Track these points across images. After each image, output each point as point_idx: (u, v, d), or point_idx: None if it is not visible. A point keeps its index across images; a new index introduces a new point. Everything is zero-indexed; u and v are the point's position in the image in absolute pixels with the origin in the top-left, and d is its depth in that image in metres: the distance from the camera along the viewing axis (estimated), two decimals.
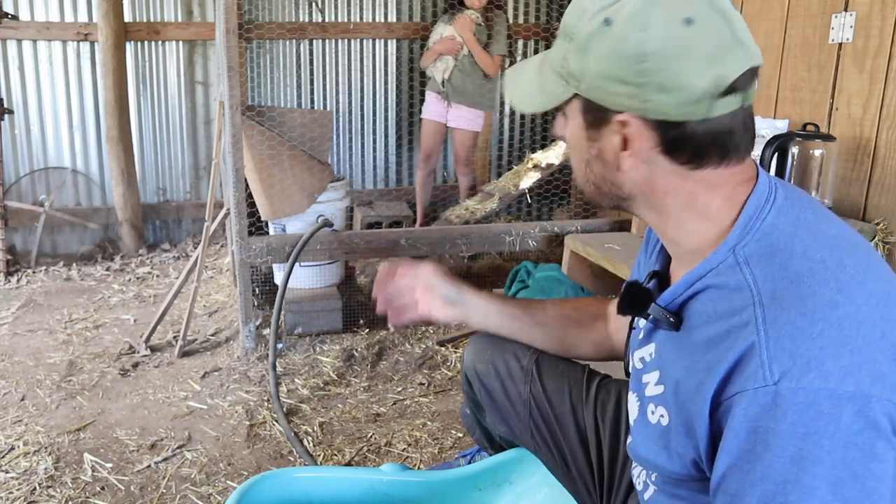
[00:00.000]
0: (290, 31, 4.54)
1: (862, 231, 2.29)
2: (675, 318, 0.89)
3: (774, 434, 0.73)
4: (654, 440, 0.92)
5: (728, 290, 0.82)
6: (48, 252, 4.44)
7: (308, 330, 3.07)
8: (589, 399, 1.31)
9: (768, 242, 0.82)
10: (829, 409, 0.72)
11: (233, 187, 2.75)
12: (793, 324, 0.75)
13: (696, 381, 0.82)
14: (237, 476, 2.05)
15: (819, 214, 0.87)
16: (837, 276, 0.78)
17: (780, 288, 0.78)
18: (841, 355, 0.73)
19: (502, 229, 3.16)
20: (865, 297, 0.77)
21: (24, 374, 2.70)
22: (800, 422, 0.72)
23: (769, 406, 0.73)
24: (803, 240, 0.82)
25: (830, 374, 0.72)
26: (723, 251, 0.85)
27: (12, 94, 4.27)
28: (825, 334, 0.74)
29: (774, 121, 2.61)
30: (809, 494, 0.72)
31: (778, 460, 0.73)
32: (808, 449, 0.72)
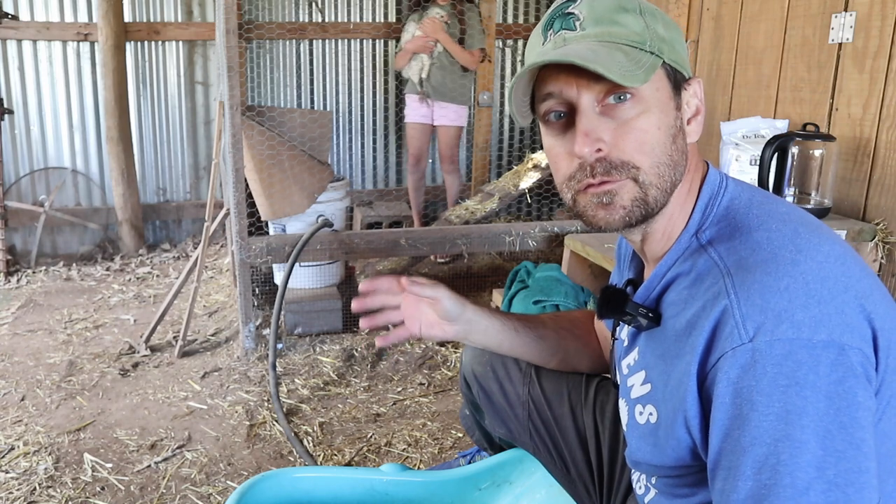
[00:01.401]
0: (290, 31, 4.54)
1: (862, 231, 2.29)
2: (653, 313, 0.90)
3: (758, 392, 0.74)
4: (645, 439, 0.93)
5: (696, 273, 0.84)
6: (48, 252, 4.44)
7: (308, 330, 3.07)
8: (588, 400, 1.31)
9: (726, 223, 0.86)
10: (806, 359, 0.73)
11: (233, 187, 2.75)
12: (760, 282, 0.77)
13: (682, 364, 0.82)
14: (237, 476, 2.05)
15: (768, 196, 0.91)
16: (794, 240, 0.81)
17: (743, 257, 0.80)
18: (809, 306, 0.75)
19: (502, 229, 3.16)
20: (824, 255, 0.79)
21: (24, 374, 2.70)
22: (780, 374, 0.73)
23: (748, 364, 0.74)
24: (758, 216, 0.85)
25: (802, 323, 0.74)
26: (685, 238, 0.88)
27: (12, 94, 4.27)
28: (791, 288, 0.76)
29: (774, 121, 2.61)
30: (800, 449, 0.72)
31: (765, 419, 0.73)
32: (791, 401, 0.72)
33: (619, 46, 0.82)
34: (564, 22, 0.85)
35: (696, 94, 0.90)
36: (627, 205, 0.85)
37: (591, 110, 0.83)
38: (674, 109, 0.86)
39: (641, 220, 0.87)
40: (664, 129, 0.85)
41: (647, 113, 0.83)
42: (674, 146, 0.86)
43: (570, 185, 0.88)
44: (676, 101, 0.87)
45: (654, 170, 0.84)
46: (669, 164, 0.85)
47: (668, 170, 0.85)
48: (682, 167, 0.88)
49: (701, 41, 3.26)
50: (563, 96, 0.85)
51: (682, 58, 0.88)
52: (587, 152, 0.83)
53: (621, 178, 0.84)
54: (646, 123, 0.83)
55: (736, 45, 2.99)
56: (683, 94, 0.88)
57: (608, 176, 0.84)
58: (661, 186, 0.85)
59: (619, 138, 0.83)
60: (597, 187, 0.85)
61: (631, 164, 0.83)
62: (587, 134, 0.83)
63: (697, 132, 0.90)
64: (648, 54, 0.83)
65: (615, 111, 0.83)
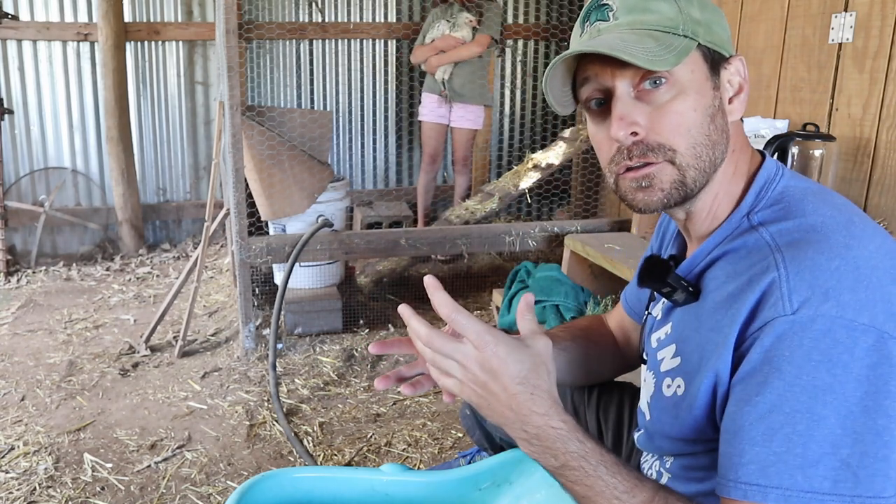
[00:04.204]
0: (290, 31, 4.54)
1: None
2: (693, 287, 0.90)
3: (789, 361, 0.74)
4: (667, 411, 0.93)
5: (746, 251, 0.84)
6: (48, 252, 4.44)
7: (308, 330, 3.07)
8: (591, 401, 1.30)
9: (780, 207, 0.86)
10: (844, 338, 0.73)
11: (233, 187, 2.75)
12: (811, 259, 0.77)
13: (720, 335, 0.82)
14: (237, 476, 2.05)
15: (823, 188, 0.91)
16: (848, 228, 0.81)
17: (796, 238, 0.81)
18: (857, 289, 0.75)
19: (502, 229, 3.16)
20: (876, 246, 0.80)
21: (24, 374, 2.70)
22: (815, 349, 0.73)
23: (785, 334, 0.74)
24: (813, 203, 0.85)
25: (847, 304, 0.74)
26: (736, 218, 0.89)
27: (12, 94, 4.27)
28: (842, 269, 0.76)
29: (774, 121, 2.61)
30: (818, 424, 0.72)
31: (789, 388, 0.73)
32: (820, 377, 0.72)
33: (650, 32, 0.84)
34: (599, 13, 0.88)
35: (738, 72, 0.90)
36: (666, 187, 0.87)
37: (627, 96, 0.86)
38: (711, 90, 0.87)
39: (681, 200, 0.88)
40: (700, 111, 0.86)
41: (682, 95, 0.85)
42: (712, 125, 0.87)
43: (611, 168, 0.90)
44: (714, 82, 0.88)
45: (690, 151, 0.85)
46: (707, 143, 0.86)
47: (705, 150, 0.86)
48: (723, 146, 0.88)
49: None
50: (599, 82, 0.88)
51: (721, 38, 0.88)
52: (622, 136, 0.85)
53: (658, 160, 0.85)
54: (681, 106, 0.85)
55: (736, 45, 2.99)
56: (723, 74, 0.89)
57: (645, 157, 0.86)
58: (699, 167, 0.86)
59: (656, 122, 0.85)
60: (636, 171, 0.87)
61: (667, 146, 0.85)
62: (622, 118, 0.85)
63: (741, 110, 0.91)
64: (681, 38, 0.84)
65: (651, 96, 0.85)
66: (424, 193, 4.24)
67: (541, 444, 0.81)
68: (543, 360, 0.83)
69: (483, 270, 3.96)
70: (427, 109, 4.11)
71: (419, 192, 4.27)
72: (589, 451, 0.80)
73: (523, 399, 0.80)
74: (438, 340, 0.80)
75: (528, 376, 0.80)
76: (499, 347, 0.78)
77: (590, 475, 0.80)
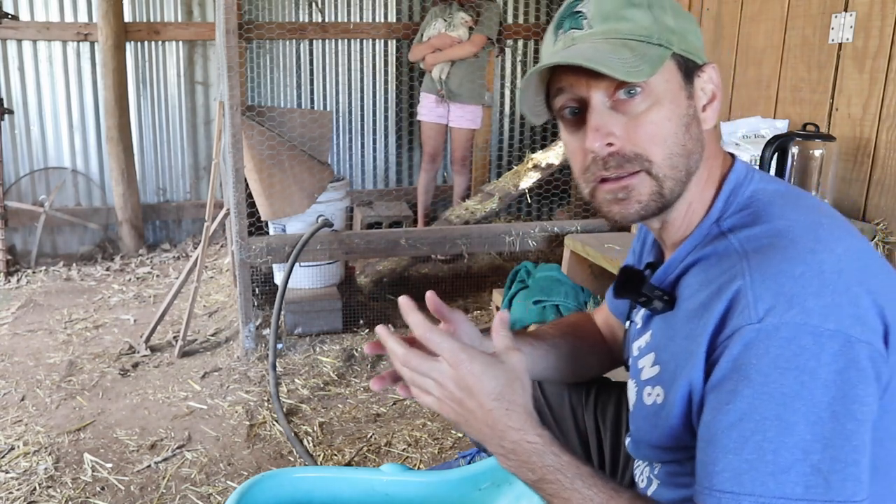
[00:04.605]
0: (290, 31, 4.54)
1: (862, 231, 2.29)
2: (668, 296, 0.90)
3: (756, 370, 0.74)
4: (648, 420, 0.93)
5: (716, 258, 0.84)
6: (48, 252, 4.44)
7: (308, 330, 3.07)
8: (589, 402, 1.30)
9: (749, 212, 0.86)
10: (810, 345, 0.73)
11: (233, 187, 2.75)
12: (776, 267, 0.77)
13: (693, 344, 0.82)
14: (237, 476, 2.05)
15: (794, 190, 0.92)
16: (815, 231, 0.81)
17: (763, 244, 0.81)
18: (823, 294, 0.75)
19: (502, 229, 3.16)
20: (843, 249, 0.80)
21: (24, 374, 2.70)
22: (781, 356, 0.73)
23: (752, 343, 0.75)
24: (781, 207, 0.86)
25: (812, 310, 0.74)
26: (707, 224, 0.89)
27: (12, 94, 4.27)
28: (806, 275, 0.76)
29: (774, 121, 2.61)
30: (788, 431, 0.72)
31: (758, 396, 0.74)
32: (788, 384, 0.73)
33: (626, 42, 0.83)
34: (573, 21, 0.87)
35: (711, 80, 0.90)
36: (644, 199, 0.86)
37: (602, 106, 0.85)
38: (685, 99, 0.87)
39: (657, 211, 0.88)
40: (676, 120, 0.85)
41: (657, 105, 0.84)
42: (687, 135, 0.86)
43: (585, 177, 0.89)
44: (688, 90, 0.87)
45: (666, 161, 0.85)
46: (683, 153, 0.86)
47: (681, 160, 0.86)
48: (698, 155, 0.88)
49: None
50: (574, 92, 0.87)
51: (695, 46, 0.88)
52: (598, 147, 0.84)
53: (634, 170, 0.85)
54: (657, 116, 0.84)
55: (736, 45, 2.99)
56: (697, 82, 0.88)
57: (621, 169, 0.85)
58: (676, 177, 0.86)
59: (631, 132, 0.84)
60: (613, 183, 0.86)
61: (644, 156, 0.85)
62: (598, 129, 0.84)
63: (713, 118, 0.90)
64: (656, 47, 0.84)
65: (626, 106, 0.84)
66: (424, 193, 4.25)
67: (517, 458, 0.82)
68: (518, 375, 0.84)
69: (483, 270, 3.96)
70: (426, 109, 4.12)
71: (419, 192, 4.27)
72: (565, 464, 0.81)
73: (499, 415, 0.81)
74: (415, 360, 0.82)
75: (504, 392, 0.81)
76: (473, 365, 0.80)
77: (566, 488, 0.80)
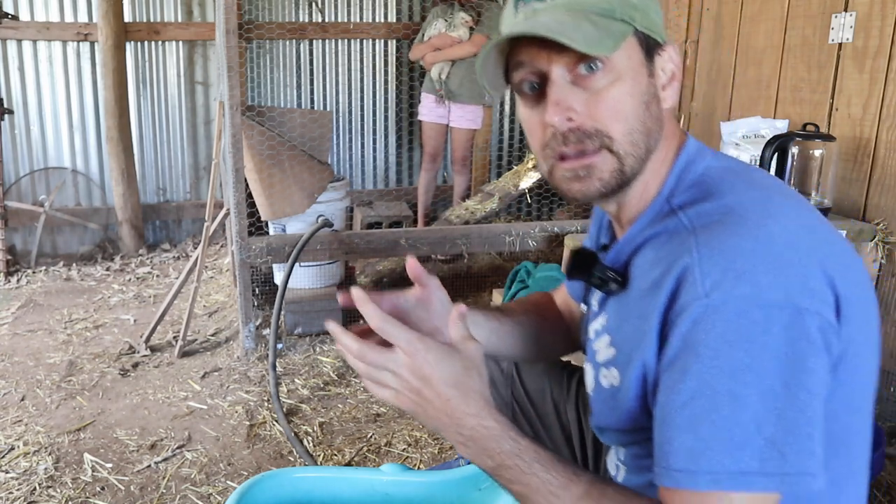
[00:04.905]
0: (290, 31, 4.54)
1: (862, 231, 2.29)
2: (620, 276, 0.90)
3: (705, 345, 0.74)
4: (607, 403, 0.92)
5: (667, 235, 0.84)
6: (48, 252, 4.44)
7: (308, 330, 3.07)
8: (570, 395, 1.30)
9: (699, 189, 0.86)
10: (759, 318, 0.73)
11: (233, 187, 2.75)
12: (724, 242, 0.77)
13: (645, 323, 0.82)
14: (237, 476, 2.05)
15: (746, 166, 0.91)
16: (766, 206, 0.80)
17: (713, 220, 0.80)
18: (770, 269, 0.74)
19: (502, 229, 3.16)
20: (794, 223, 0.79)
21: (24, 374, 2.70)
22: (730, 330, 0.73)
23: (700, 318, 0.74)
24: (732, 182, 0.85)
25: (761, 284, 0.73)
26: (658, 203, 0.88)
27: (12, 94, 4.27)
28: (756, 250, 0.75)
29: (774, 121, 2.61)
30: (741, 405, 0.72)
31: (708, 372, 0.73)
32: (738, 357, 0.72)
33: (588, 16, 0.82)
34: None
35: (671, 60, 0.89)
36: (605, 177, 0.85)
37: (562, 80, 0.83)
38: (646, 76, 0.86)
39: (617, 189, 0.87)
40: (637, 97, 0.84)
41: (618, 81, 0.83)
42: (647, 113, 0.85)
43: (544, 154, 0.88)
44: (649, 68, 0.86)
45: (627, 137, 0.84)
46: (643, 130, 0.85)
47: (641, 137, 0.85)
48: (657, 134, 0.88)
49: (701, 41, 3.26)
50: (534, 66, 0.85)
51: (656, 24, 0.87)
52: (557, 121, 0.83)
53: (595, 146, 0.84)
54: (618, 92, 0.83)
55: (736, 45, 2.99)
56: (657, 61, 0.87)
57: (581, 144, 0.84)
58: (637, 154, 0.85)
59: (592, 108, 0.83)
60: (574, 161, 0.85)
61: (604, 132, 0.83)
62: (558, 103, 0.83)
63: (673, 98, 0.90)
64: (619, 22, 0.83)
65: (587, 81, 0.83)
66: (425, 193, 4.25)
67: (476, 445, 0.82)
68: (475, 363, 0.84)
69: (483, 270, 3.96)
70: (426, 109, 4.12)
71: (419, 192, 4.28)
72: (523, 449, 0.81)
73: (456, 402, 0.81)
74: (371, 353, 0.81)
75: (460, 380, 0.81)
76: (429, 354, 0.80)
77: (525, 473, 0.80)
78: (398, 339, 0.80)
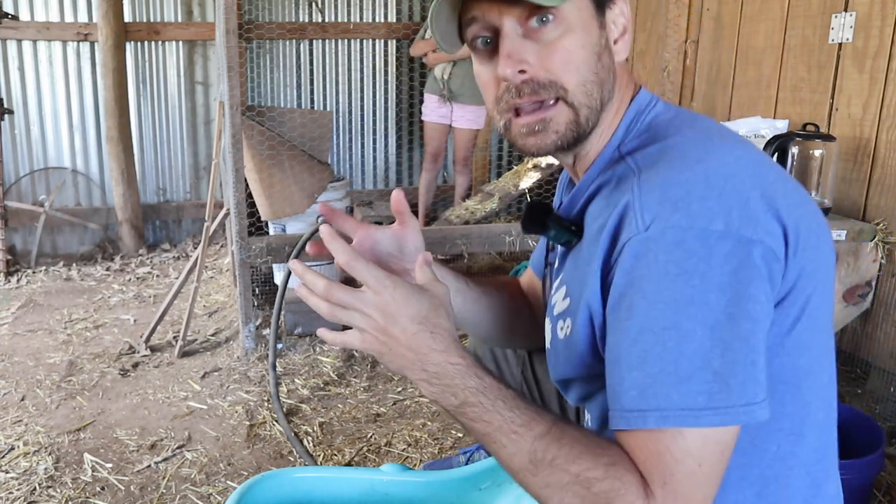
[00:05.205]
0: (290, 31, 4.54)
1: (862, 231, 2.29)
2: (575, 226, 0.90)
3: (647, 280, 0.74)
4: (562, 353, 0.92)
5: (616, 181, 0.85)
6: (48, 252, 4.44)
7: (308, 330, 3.07)
8: None
9: (648, 135, 0.87)
10: (698, 248, 0.72)
11: (233, 187, 2.75)
12: (661, 176, 0.78)
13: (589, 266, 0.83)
14: (237, 476, 2.05)
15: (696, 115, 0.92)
16: (706, 143, 0.82)
17: (655, 160, 0.82)
18: (708, 198, 0.74)
19: (502, 229, 3.16)
20: (735, 157, 0.80)
21: (24, 374, 2.70)
22: (671, 261, 0.73)
23: (641, 253, 0.74)
24: (678, 127, 0.87)
25: (697, 213, 0.73)
26: (608, 151, 0.90)
27: (12, 94, 4.27)
28: (691, 181, 0.76)
29: (774, 121, 2.61)
30: (687, 338, 0.72)
31: (653, 308, 0.73)
32: (680, 290, 0.72)
33: None
34: None
35: (622, 13, 0.90)
36: (561, 129, 0.86)
37: (514, 32, 0.84)
38: (597, 28, 0.87)
39: (573, 142, 0.88)
40: (588, 48, 0.85)
41: (570, 33, 0.84)
42: (599, 64, 0.86)
43: (499, 108, 0.88)
44: (600, 21, 0.87)
45: (580, 88, 0.85)
46: (596, 81, 0.86)
47: (595, 87, 0.86)
48: (610, 85, 0.89)
49: (701, 41, 3.26)
50: (486, 21, 0.86)
51: None
52: (510, 73, 0.84)
53: (549, 96, 0.85)
54: (569, 43, 0.84)
55: (736, 45, 2.99)
56: (608, 14, 0.88)
57: (536, 95, 0.85)
58: (591, 105, 0.86)
59: (545, 59, 0.84)
60: (529, 116, 0.86)
61: (558, 83, 0.84)
62: (510, 55, 0.84)
63: (625, 51, 0.91)
64: None
65: (538, 34, 0.84)
66: (426, 193, 4.26)
67: (440, 382, 0.81)
68: (442, 302, 0.84)
69: (483, 270, 3.96)
70: (429, 109, 4.13)
71: (420, 192, 4.28)
72: (487, 387, 0.81)
73: (423, 338, 0.80)
74: (338, 291, 0.80)
75: (428, 315, 0.80)
76: (397, 290, 0.79)
77: (488, 410, 0.80)
78: (367, 276, 0.80)
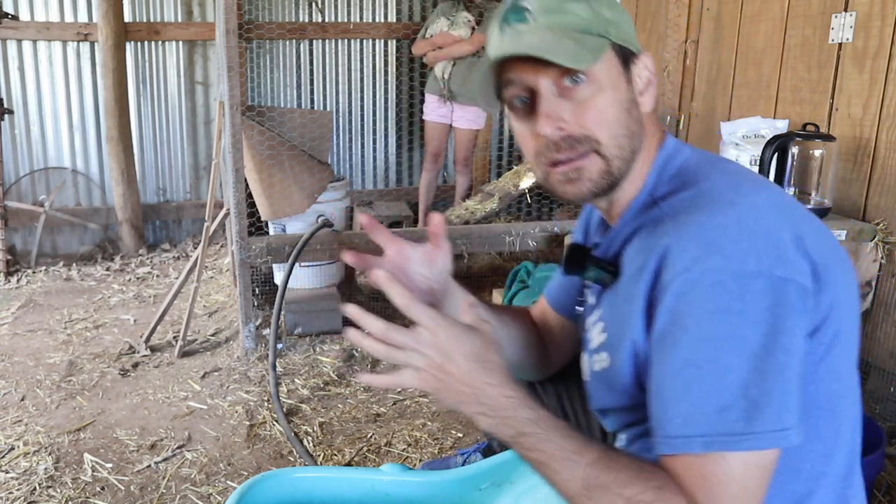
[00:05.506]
0: (290, 31, 4.54)
1: (862, 231, 2.29)
2: (612, 266, 0.96)
3: (689, 316, 0.81)
4: (601, 385, 0.99)
5: (651, 225, 0.91)
6: (48, 252, 4.44)
7: (308, 330, 3.07)
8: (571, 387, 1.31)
9: (678, 180, 0.94)
10: (734, 287, 0.79)
11: (233, 187, 2.75)
12: (696, 221, 0.85)
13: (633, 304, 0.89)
14: (237, 476, 2.05)
15: (720, 158, 1.01)
16: (736, 188, 0.89)
17: (687, 206, 0.89)
18: (740, 240, 0.81)
19: (502, 229, 3.16)
20: (763, 200, 0.87)
21: (24, 374, 2.70)
22: (710, 301, 0.80)
23: (683, 293, 0.81)
24: (706, 172, 0.94)
25: (732, 255, 0.80)
26: (642, 197, 0.97)
27: (12, 94, 4.27)
28: (724, 224, 0.83)
29: (774, 121, 2.61)
30: (726, 371, 0.79)
31: (695, 342, 0.80)
32: (718, 326, 0.79)
33: (568, 33, 0.90)
34: (518, 16, 0.93)
35: (646, 67, 0.96)
36: (595, 177, 0.93)
37: (550, 94, 0.91)
38: (625, 84, 0.94)
39: (608, 189, 0.95)
40: (618, 105, 0.92)
41: (601, 91, 0.91)
42: (629, 117, 0.93)
43: (539, 161, 0.95)
44: (627, 76, 0.94)
45: (613, 141, 0.92)
46: (627, 134, 0.93)
47: (626, 140, 0.93)
48: (640, 136, 0.95)
49: (701, 41, 3.26)
50: (523, 82, 0.93)
51: (629, 35, 0.95)
52: (550, 132, 0.91)
53: (584, 150, 0.91)
54: (601, 101, 0.91)
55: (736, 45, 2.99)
56: (633, 69, 0.95)
57: (572, 150, 0.91)
58: (622, 156, 0.93)
59: (579, 116, 0.91)
60: (565, 165, 0.93)
61: (592, 137, 0.91)
62: (549, 115, 0.91)
63: (651, 102, 0.97)
64: (596, 37, 0.91)
65: (572, 92, 0.91)
66: (426, 192, 4.26)
67: (496, 414, 0.86)
68: (492, 339, 0.90)
69: (483, 270, 3.96)
70: (429, 109, 4.14)
71: (421, 192, 4.28)
72: (540, 417, 0.86)
73: (478, 373, 0.85)
74: (395, 333, 0.84)
75: (480, 352, 0.86)
76: (451, 330, 0.85)
77: (542, 439, 0.85)
78: (423, 318, 0.84)
